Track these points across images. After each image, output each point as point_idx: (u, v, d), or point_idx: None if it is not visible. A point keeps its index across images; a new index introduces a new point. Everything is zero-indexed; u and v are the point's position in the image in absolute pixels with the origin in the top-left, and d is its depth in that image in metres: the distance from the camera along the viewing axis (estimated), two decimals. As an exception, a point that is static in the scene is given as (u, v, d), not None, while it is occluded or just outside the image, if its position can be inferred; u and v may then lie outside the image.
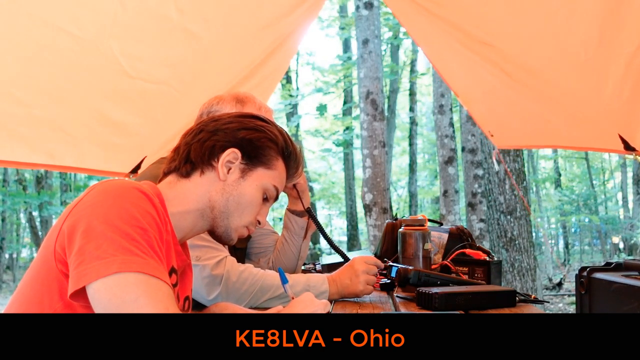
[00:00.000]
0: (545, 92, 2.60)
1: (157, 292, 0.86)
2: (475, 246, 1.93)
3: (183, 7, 2.21)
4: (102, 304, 0.84)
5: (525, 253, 5.57)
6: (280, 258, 1.79)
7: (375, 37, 5.64)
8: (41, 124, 2.28)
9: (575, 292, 1.11)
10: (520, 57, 2.48)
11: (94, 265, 0.84)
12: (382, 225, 4.63)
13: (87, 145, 2.49)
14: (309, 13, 2.62)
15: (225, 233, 1.10)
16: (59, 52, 2.08)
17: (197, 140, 1.09)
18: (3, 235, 12.02)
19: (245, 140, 1.09)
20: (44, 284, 0.93)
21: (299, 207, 1.75)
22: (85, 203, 0.93)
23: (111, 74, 2.26)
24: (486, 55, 2.54)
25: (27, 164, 2.56)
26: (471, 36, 2.46)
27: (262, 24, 2.51)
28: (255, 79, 2.71)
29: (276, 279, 1.42)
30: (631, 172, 13.17)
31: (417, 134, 13.57)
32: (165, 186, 1.08)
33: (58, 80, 2.18)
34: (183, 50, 2.40)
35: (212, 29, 2.39)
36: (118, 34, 2.15)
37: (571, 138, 3.01)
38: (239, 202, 1.08)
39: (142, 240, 0.88)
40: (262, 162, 1.10)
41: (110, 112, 2.41)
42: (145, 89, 2.39)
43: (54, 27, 2.00)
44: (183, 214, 1.07)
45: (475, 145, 6.35)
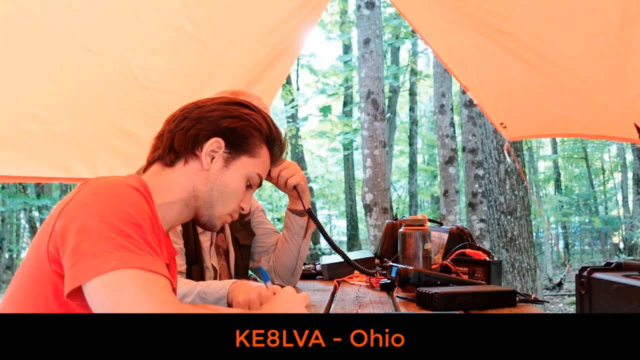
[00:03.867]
0: (562, 80, 2.59)
1: (155, 286, 0.86)
2: (475, 246, 1.93)
3: (196, 17, 2.25)
4: (101, 301, 0.84)
5: (526, 253, 5.57)
6: (280, 257, 1.79)
7: (377, 36, 5.64)
8: (60, 139, 2.34)
9: (576, 292, 1.11)
10: (538, 45, 2.46)
11: (90, 263, 0.84)
12: (382, 225, 4.63)
13: (103, 157, 2.55)
14: (311, 15, 2.63)
15: (209, 221, 1.10)
16: (79, 69, 2.14)
17: (180, 128, 1.08)
18: (3, 236, 12.02)
19: (229, 129, 1.08)
20: (38, 285, 0.92)
21: (299, 207, 1.75)
22: (77, 202, 0.91)
23: (126, 86, 2.32)
24: (504, 43, 2.53)
25: (44, 179, 2.61)
26: (489, 25, 2.45)
27: (267, 29, 2.54)
28: (263, 83, 2.73)
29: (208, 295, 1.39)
30: (631, 173, 13.17)
31: (417, 134, 13.57)
32: (150, 177, 1.08)
33: (76, 96, 2.25)
34: (195, 60, 2.45)
35: (221, 36, 2.43)
36: (133, 46, 2.21)
37: (587, 126, 2.97)
38: (223, 192, 1.08)
39: (137, 236, 0.88)
40: (246, 151, 1.10)
41: (125, 124, 2.46)
42: (159, 99, 2.44)
43: (73, 45, 2.07)
44: (169, 205, 1.07)
45: (476, 145, 6.35)
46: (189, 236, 1.58)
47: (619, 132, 2.85)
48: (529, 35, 2.45)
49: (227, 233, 1.75)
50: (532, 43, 2.48)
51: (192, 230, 1.59)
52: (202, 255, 1.61)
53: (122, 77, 2.25)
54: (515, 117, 3.22)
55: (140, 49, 2.23)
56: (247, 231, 1.83)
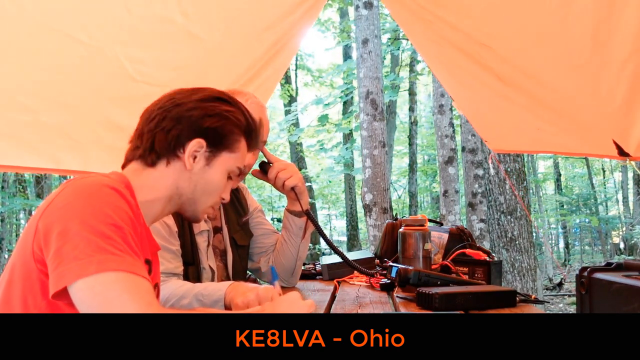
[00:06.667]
0: (539, 97, 2.60)
1: (139, 289, 0.88)
2: (475, 246, 1.93)
3: (187, 10, 2.22)
4: (86, 303, 0.86)
5: (526, 253, 5.57)
6: (279, 258, 1.79)
7: (375, 36, 5.64)
8: (48, 129, 2.30)
9: (576, 293, 1.11)
10: (516, 60, 2.47)
11: (72, 266, 0.85)
12: (382, 225, 4.63)
13: (93, 150, 2.51)
14: (309, 13, 2.62)
15: (193, 215, 1.14)
16: (66, 58, 2.10)
17: (161, 128, 1.08)
18: (2, 236, 12.02)
19: (210, 129, 1.09)
20: (26, 284, 0.94)
21: (297, 208, 1.74)
22: (58, 203, 0.93)
23: (117, 78, 2.28)
24: (480, 60, 2.53)
25: (32, 169, 2.58)
26: (469, 37, 2.45)
27: (263, 26, 2.51)
28: (259, 79, 2.71)
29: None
30: (631, 172, 13.17)
31: (416, 134, 13.56)
32: (131, 173, 1.09)
33: (65, 86, 2.20)
34: (187, 54, 2.41)
35: (215, 31, 2.40)
36: (123, 38, 2.17)
37: (565, 144, 3.02)
38: (206, 189, 1.11)
39: (117, 238, 0.90)
40: (226, 147, 1.12)
41: (115, 116, 2.42)
42: (150, 92, 2.38)
43: (61, 34, 2.02)
44: (152, 202, 1.08)
45: (476, 145, 6.35)
46: (185, 237, 1.57)
47: (595, 149, 2.87)
48: (509, 51, 2.45)
49: (225, 234, 1.74)
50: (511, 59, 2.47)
51: (188, 231, 1.58)
52: (198, 256, 1.60)
53: (112, 68, 2.22)
54: (493, 134, 3.28)
55: (129, 40, 2.19)
56: (245, 232, 1.82)
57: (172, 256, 1.50)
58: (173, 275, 1.49)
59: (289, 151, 13.19)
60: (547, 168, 17.19)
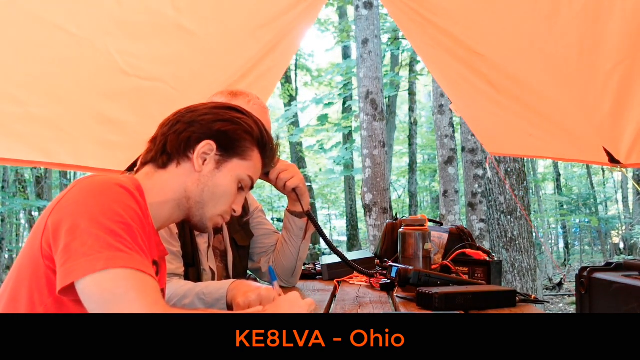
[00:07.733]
0: (531, 104, 2.61)
1: (146, 287, 0.88)
2: (475, 246, 1.93)
3: (179, 4, 2.20)
4: (93, 299, 0.86)
5: (526, 253, 5.57)
6: (279, 258, 1.79)
7: (375, 36, 5.64)
8: (38, 121, 2.27)
9: (576, 292, 1.11)
10: (507, 67, 2.48)
11: (80, 262, 0.86)
12: (382, 225, 4.63)
13: (84, 143, 2.48)
14: (307, 13, 2.60)
15: (201, 222, 1.13)
16: (56, 49, 2.08)
17: (173, 131, 1.11)
18: (3, 236, 12.02)
19: (220, 132, 1.10)
20: (33, 280, 0.95)
21: (298, 209, 1.75)
22: (69, 200, 0.94)
23: (107, 71, 2.26)
24: (473, 65, 2.53)
25: (24, 162, 2.55)
26: (462, 44, 2.45)
27: (259, 23, 2.49)
28: (252, 76, 2.69)
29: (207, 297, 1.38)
30: (631, 173, 13.16)
31: (416, 134, 13.56)
32: (143, 176, 1.10)
33: (54, 78, 2.18)
34: (179, 48, 2.39)
35: (208, 26, 2.38)
36: (114, 31, 2.14)
37: (557, 150, 3.04)
38: (214, 193, 1.11)
39: (126, 236, 0.90)
40: (237, 154, 1.12)
41: (106, 109, 2.40)
42: (141, 86, 2.38)
43: (50, 25, 2.00)
44: (161, 204, 1.09)
45: (475, 145, 6.35)
46: (186, 238, 1.57)
47: (586, 155, 2.89)
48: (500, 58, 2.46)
49: (225, 234, 1.74)
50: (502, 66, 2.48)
51: (189, 232, 1.58)
52: (199, 257, 1.60)
53: (102, 61, 2.19)
54: (488, 138, 3.30)
55: (120, 33, 2.17)
56: (246, 232, 1.82)
57: (173, 257, 1.50)
58: (174, 275, 1.49)
59: (289, 151, 13.19)
60: (546, 168, 17.19)
